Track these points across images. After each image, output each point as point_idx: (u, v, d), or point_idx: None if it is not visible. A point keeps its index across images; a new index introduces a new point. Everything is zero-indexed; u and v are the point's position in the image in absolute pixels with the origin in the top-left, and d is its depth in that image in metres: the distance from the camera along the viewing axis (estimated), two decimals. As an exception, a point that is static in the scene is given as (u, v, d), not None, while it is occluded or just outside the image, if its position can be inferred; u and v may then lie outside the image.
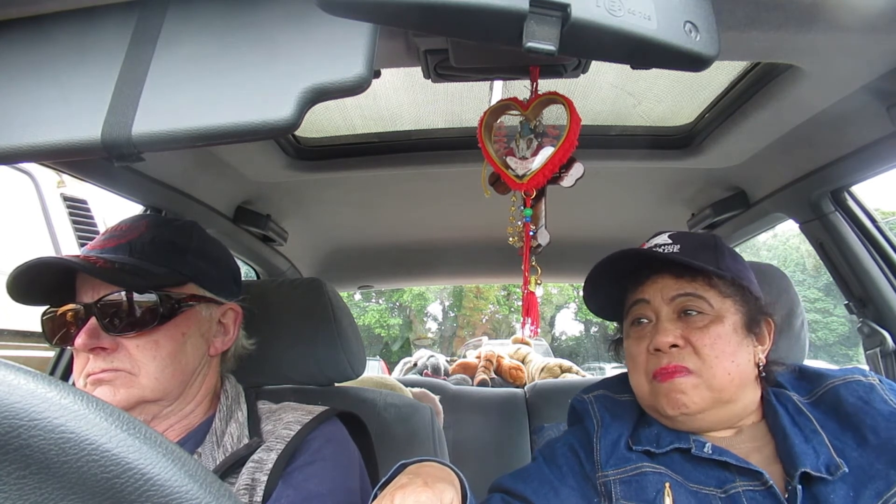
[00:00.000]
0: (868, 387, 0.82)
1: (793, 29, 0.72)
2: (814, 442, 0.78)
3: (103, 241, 0.87)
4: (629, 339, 0.90)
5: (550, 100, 0.82)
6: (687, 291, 0.84)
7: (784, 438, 0.79)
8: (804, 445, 0.77)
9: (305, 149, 1.40)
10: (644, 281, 0.88)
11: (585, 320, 24.74)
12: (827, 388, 0.84)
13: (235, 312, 0.95)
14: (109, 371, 0.79)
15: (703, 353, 0.81)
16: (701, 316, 0.83)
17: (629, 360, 0.89)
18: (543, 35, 0.44)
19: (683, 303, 0.84)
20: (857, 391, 0.81)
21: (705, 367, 0.80)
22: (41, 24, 0.57)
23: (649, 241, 0.93)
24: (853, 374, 0.84)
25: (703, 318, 0.83)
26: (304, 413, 0.89)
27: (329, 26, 0.50)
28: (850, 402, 0.80)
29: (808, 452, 0.76)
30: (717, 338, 0.81)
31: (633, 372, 0.88)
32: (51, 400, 0.31)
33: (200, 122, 0.50)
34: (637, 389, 0.88)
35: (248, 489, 0.78)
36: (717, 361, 0.80)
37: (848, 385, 0.83)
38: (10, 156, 0.54)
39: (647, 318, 0.87)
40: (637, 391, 0.88)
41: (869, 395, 0.80)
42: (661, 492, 0.77)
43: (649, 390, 0.85)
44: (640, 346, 0.86)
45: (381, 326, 21.90)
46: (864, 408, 0.79)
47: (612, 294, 0.95)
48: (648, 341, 0.85)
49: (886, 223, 1.28)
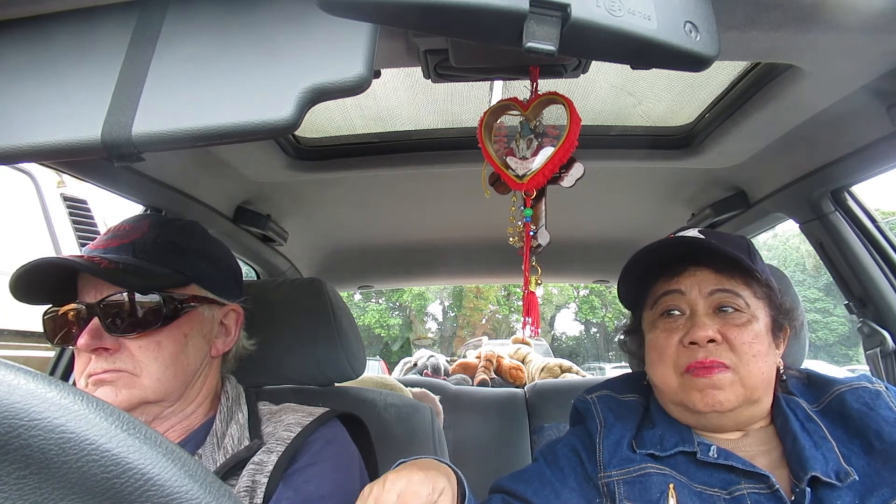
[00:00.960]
0: (874, 393, 0.81)
1: (793, 29, 0.72)
2: (823, 448, 0.77)
3: (106, 241, 0.87)
4: (656, 331, 0.87)
5: (550, 100, 0.82)
6: (725, 287, 0.83)
7: (794, 442, 0.78)
8: (814, 450, 0.77)
9: (305, 149, 1.40)
10: (682, 271, 0.86)
11: (585, 320, 24.75)
12: (833, 394, 0.84)
13: (237, 313, 0.95)
14: (111, 371, 0.79)
15: (742, 350, 0.80)
16: (738, 313, 0.83)
17: (654, 351, 0.87)
18: (543, 35, 0.44)
19: (721, 299, 0.83)
20: (862, 397, 0.81)
21: (742, 365, 0.80)
22: (41, 24, 0.57)
23: (678, 233, 0.90)
24: (860, 382, 0.84)
25: (741, 316, 0.82)
26: (305, 415, 0.89)
27: (329, 26, 0.50)
28: (855, 408, 0.80)
29: (818, 457, 0.76)
30: (755, 336, 0.81)
31: (659, 364, 0.85)
32: (51, 400, 0.31)
33: (200, 122, 0.50)
34: (662, 382, 0.85)
35: (248, 491, 0.78)
36: (753, 360, 0.80)
37: (854, 391, 0.82)
38: (10, 156, 0.54)
39: (679, 311, 0.85)
40: (661, 384, 0.86)
41: (874, 401, 0.80)
42: (665, 493, 0.77)
43: (678, 384, 0.83)
44: (671, 339, 0.84)
45: (381, 326, 21.90)
46: (869, 414, 0.79)
47: (640, 282, 0.93)
48: (682, 334, 0.83)
49: (886, 223, 1.28)
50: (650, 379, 0.89)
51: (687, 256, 0.87)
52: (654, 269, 0.90)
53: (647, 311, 0.91)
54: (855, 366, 14.25)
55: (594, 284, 3.82)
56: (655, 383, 0.88)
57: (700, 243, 0.85)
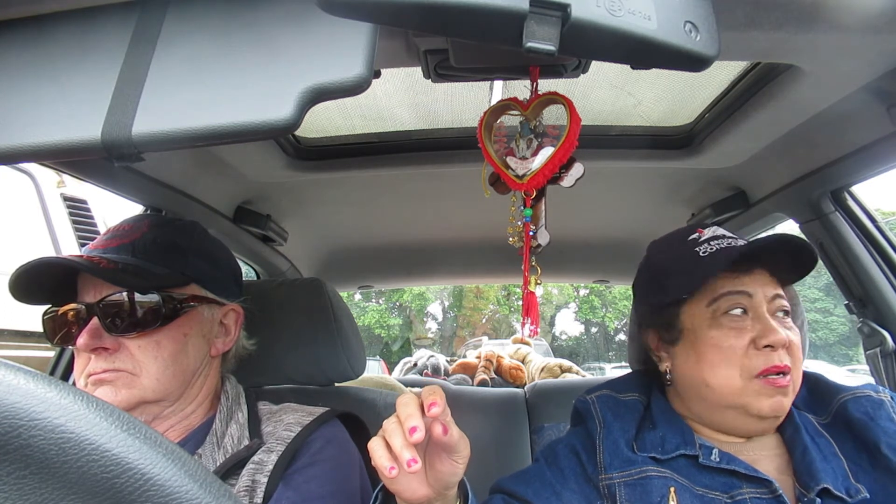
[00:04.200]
0: (877, 403, 0.80)
1: (793, 29, 0.72)
2: (832, 464, 0.77)
3: (105, 241, 0.87)
4: (720, 329, 0.82)
5: (550, 100, 0.82)
6: (780, 293, 0.83)
7: (804, 453, 0.78)
8: (824, 464, 0.76)
9: (305, 149, 1.40)
10: (751, 271, 0.83)
11: (585, 320, 24.75)
12: (837, 403, 0.83)
13: (237, 313, 0.95)
14: (111, 371, 0.79)
15: (796, 355, 0.80)
16: (790, 319, 0.83)
17: (715, 351, 0.81)
18: (543, 35, 0.44)
19: (781, 304, 0.83)
20: (864, 407, 0.80)
21: (795, 369, 0.80)
22: (41, 24, 0.57)
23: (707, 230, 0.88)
24: (864, 390, 0.83)
25: (793, 321, 0.83)
26: (305, 414, 0.89)
27: (329, 26, 0.50)
28: (856, 417, 0.79)
29: (828, 470, 0.75)
30: (801, 341, 0.82)
31: (722, 365, 0.81)
32: (51, 400, 0.30)
33: (200, 122, 0.50)
34: (722, 384, 0.80)
35: (248, 491, 0.78)
36: (799, 364, 0.81)
37: (857, 400, 0.82)
38: (10, 156, 0.54)
39: (744, 310, 0.82)
40: (720, 385, 0.81)
41: (876, 411, 0.79)
42: (666, 496, 0.77)
43: (742, 387, 0.79)
44: (741, 340, 0.80)
45: (381, 326, 21.90)
46: (868, 424, 0.78)
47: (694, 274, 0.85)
48: (752, 335, 0.80)
49: (886, 223, 1.28)
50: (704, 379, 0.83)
51: (753, 256, 0.84)
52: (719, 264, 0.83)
53: (700, 305, 0.85)
54: (855, 366, 14.26)
55: (594, 284, 3.82)
56: (712, 384, 0.82)
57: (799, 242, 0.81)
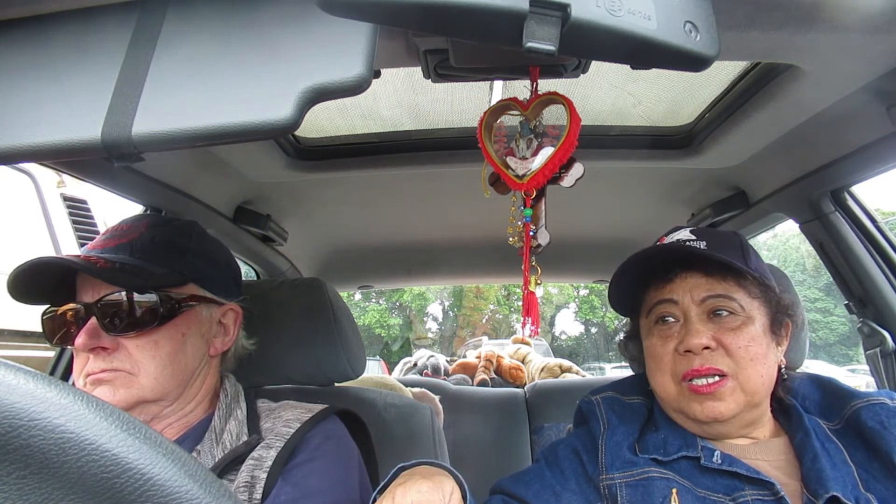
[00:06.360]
0: (891, 411, 0.79)
1: (793, 29, 0.72)
2: (842, 472, 0.76)
3: (104, 241, 0.87)
4: (652, 338, 0.86)
5: (550, 100, 0.82)
6: (718, 292, 0.82)
7: (814, 459, 0.76)
8: (833, 471, 0.75)
9: (305, 149, 1.40)
10: (672, 279, 0.85)
11: (585, 320, 24.74)
12: (851, 410, 0.82)
13: (236, 313, 0.95)
14: (109, 371, 0.79)
15: (738, 355, 0.79)
16: (733, 317, 0.81)
17: (651, 359, 0.86)
18: (543, 35, 0.44)
19: (715, 304, 0.82)
20: (878, 415, 0.79)
21: (740, 370, 0.78)
22: (41, 24, 0.57)
23: (670, 234, 0.89)
24: (879, 397, 0.81)
25: (736, 319, 0.81)
26: (304, 411, 0.89)
27: (329, 26, 0.50)
28: (870, 425, 0.78)
29: (838, 478, 0.74)
30: (751, 340, 0.80)
31: (657, 372, 0.85)
32: (51, 400, 0.31)
33: (200, 122, 0.50)
34: (660, 390, 0.85)
35: (247, 486, 0.78)
36: (751, 364, 0.78)
37: (871, 407, 0.80)
38: (10, 156, 0.54)
39: (673, 318, 0.84)
40: (661, 392, 0.85)
41: (890, 420, 0.78)
42: (668, 498, 0.77)
43: (677, 392, 0.82)
44: (667, 347, 0.83)
45: (381, 326, 21.90)
46: (882, 433, 0.77)
47: (633, 289, 0.91)
48: (677, 342, 0.82)
49: (886, 223, 1.28)
50: (651, 386, 0.88)
51: (677, 261, 0.85)
52: (646, 276, 0.89)
53: (643, 318, 0.89)
54: (855, 365, 14.26)
55: (594, 284, 3.83)
56: (656, 390, 0.87)
57: (686, 250, 0.83)
